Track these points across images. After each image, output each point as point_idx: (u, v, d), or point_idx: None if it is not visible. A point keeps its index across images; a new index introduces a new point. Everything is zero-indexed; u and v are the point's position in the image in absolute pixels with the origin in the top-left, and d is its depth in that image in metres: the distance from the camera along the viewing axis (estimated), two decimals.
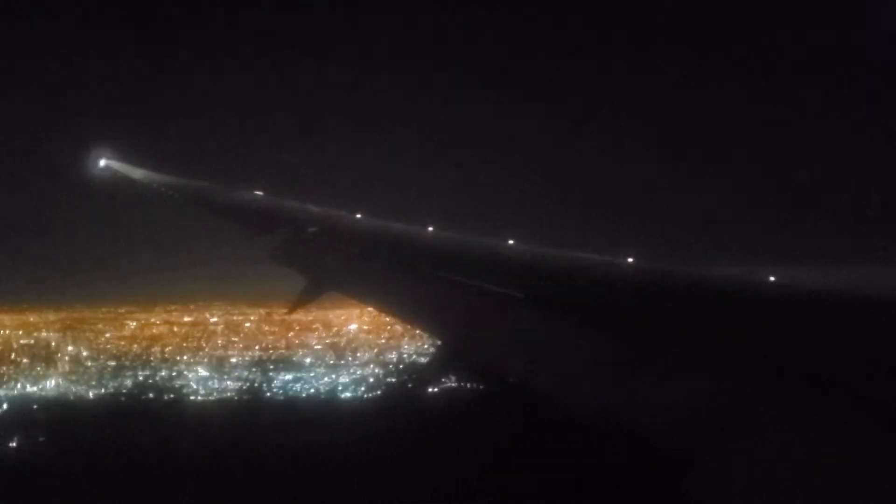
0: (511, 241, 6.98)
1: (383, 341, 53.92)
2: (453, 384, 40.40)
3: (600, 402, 4.14)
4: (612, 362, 4.25)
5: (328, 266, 8.02)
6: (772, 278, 4.80)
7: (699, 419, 3.52)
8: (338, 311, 53.18)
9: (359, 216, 8.83)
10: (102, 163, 11.06)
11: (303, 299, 8.10)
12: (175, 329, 59.58)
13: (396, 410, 44.08)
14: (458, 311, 5.94)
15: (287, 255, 8.42)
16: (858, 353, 3.35)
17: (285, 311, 55.48)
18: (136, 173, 11.06)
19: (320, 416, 46.19)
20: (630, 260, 5.77)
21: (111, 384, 52.67)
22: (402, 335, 51.35)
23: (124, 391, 52.11)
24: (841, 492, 2.84)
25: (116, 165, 11.14)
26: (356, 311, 48.68)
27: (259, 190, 10.40)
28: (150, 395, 51.42)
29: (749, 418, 3.31)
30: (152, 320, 60.62)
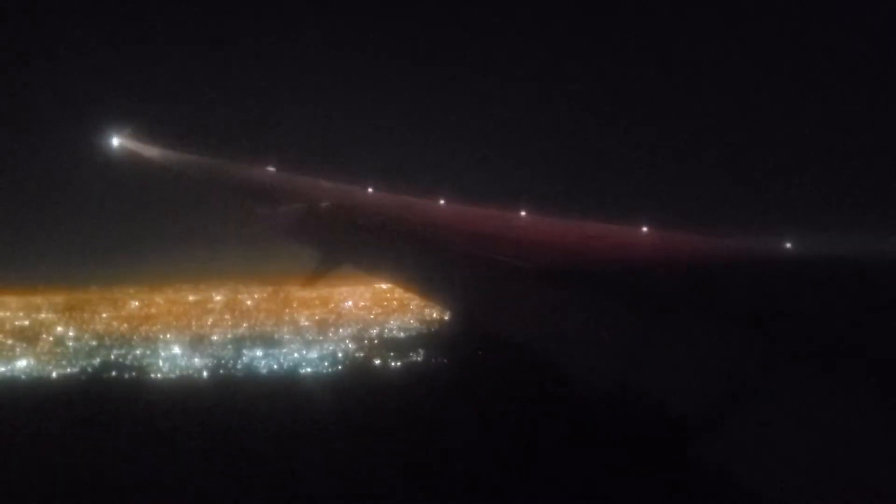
0: (523, 213, 7.16)
1: (373, 317, 53.78)
2: (457, 357, 40.12)
3: (613, 370, 4.24)
4: (626, 330, 4.36)
5: (341, 240, 8.14)
6: (788, 245, 4.92)
7: (713, 386, 3.57)
8: (342, 289, 52.70)
9: (370, 190, 8.99)
10: (116, 141, 11.05)
11: (316, 274, 8.21)
12: (173, 308, 59.39)
13: (386, 384, 43.95)
14: (469, 282, 6.09)
15: (301, 231, 8.52)
16: (873, 320, 3.45)
17: (296, 287, 55.21)
18: (151, 151, 11.06)
19: (293, 390, 45.94)
20: (644, 229, 5.93)
21: (82, 362, 52.78)
22: (395, 311, 51.19)
23: (90, 370, 52.17)
24: (852, 455, 2.91)
25: (130, 143, 11.13)
26: (360, 288, 48.14)
27: (272, 166, 10.47)
28: (114, 373, 51.59)
29: (762, 384, 3.36)
30: (156, 300, 60.31)
